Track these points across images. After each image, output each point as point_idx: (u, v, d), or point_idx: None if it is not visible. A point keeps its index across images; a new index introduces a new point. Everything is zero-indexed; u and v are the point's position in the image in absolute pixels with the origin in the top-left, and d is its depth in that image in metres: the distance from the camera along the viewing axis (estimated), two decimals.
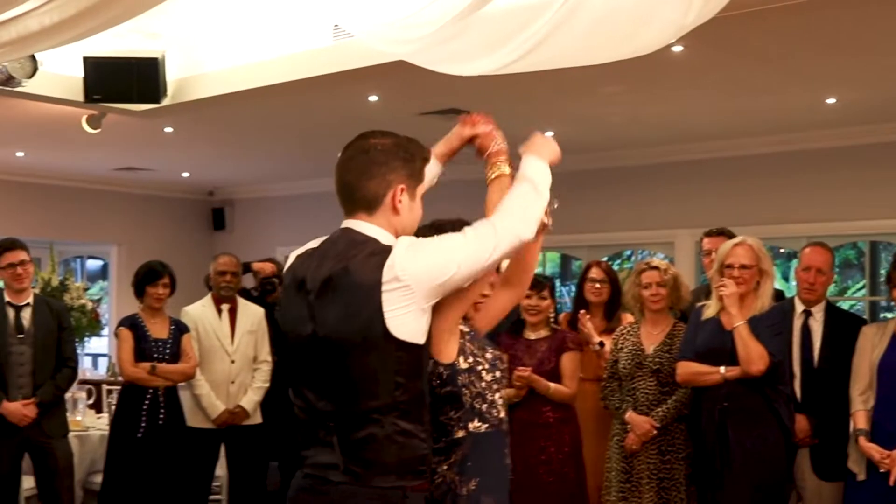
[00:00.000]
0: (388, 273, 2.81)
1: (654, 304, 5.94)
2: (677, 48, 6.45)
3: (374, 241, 2.93)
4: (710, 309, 5.61)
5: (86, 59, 7.59)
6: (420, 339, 2.87)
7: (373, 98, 8.12)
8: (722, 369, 5.41)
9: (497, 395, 3.23)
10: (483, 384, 3.18)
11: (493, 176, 3.37)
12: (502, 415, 3.24)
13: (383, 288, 2.80)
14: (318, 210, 12.68)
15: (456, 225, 3.12)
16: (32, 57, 7.01)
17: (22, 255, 6.30)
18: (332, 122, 9.13)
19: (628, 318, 6.44)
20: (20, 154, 11.26)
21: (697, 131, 9.44)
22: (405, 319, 2.82)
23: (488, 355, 3.27)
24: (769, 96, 7.98)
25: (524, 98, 8.13)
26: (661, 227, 10.40)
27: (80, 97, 7.81)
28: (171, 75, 7.88)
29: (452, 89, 7.74)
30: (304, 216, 12.51)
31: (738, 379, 5.37)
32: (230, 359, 7.13)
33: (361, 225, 2.98)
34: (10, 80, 7.06)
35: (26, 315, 6.31)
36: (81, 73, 7.71)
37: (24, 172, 12.41)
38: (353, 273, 2.85)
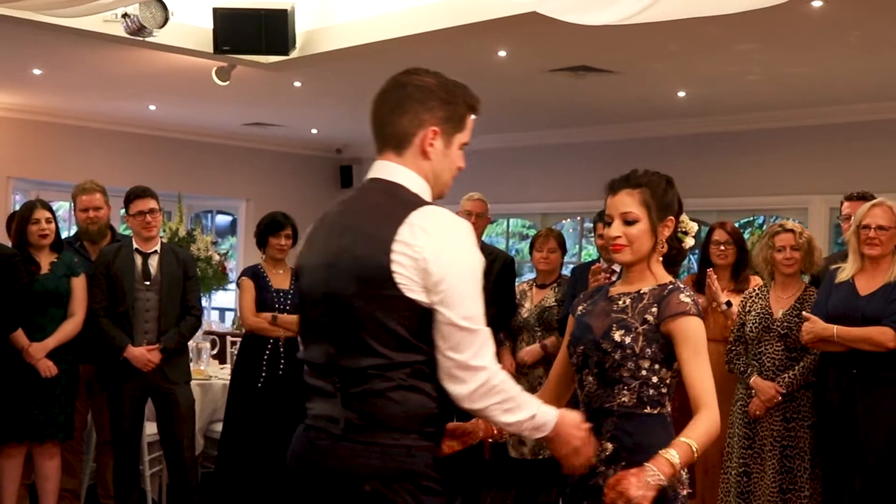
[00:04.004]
0: (405, 230, 2.62)
1: (787, 267, 5.76)
2: (816, 3, 6.23)
3: (402, 188, 2.75)
4: (844, 271, 5.44)
5: (215, 11, 7.66)
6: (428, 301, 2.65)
7: (501, 53, 8.03)
8: None
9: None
10: None
11: None
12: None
13: (395, 240, 2.62)
14: None
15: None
16: (164, 6, 7.06)
17: (151, 204, 6.35)
18: (461, 78, 9.03)
19: (756, 280, 6.27)
20: (153, 107, 11.47)
21: (836, 93, 9.13)
22: (412, 280, 2.62)
23: None
24: None
25: (656, 56, 7.98)
26: (795, 192, 10.14)
27: (209, 48, 7.89)
28: (301, 27, 7.90)
29: (583, 45, 7.63)
30: None
31: None
32: None
33: (390, 167, 2.78)
34: (141, 29, 7.13)
35: (153, 262, 6.36)
36: (211, 25, 7.77)
37: (157, 126, 12.65)
38: (371, 218, 2.71)
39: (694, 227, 3.36)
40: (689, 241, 3.35)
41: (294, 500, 2.85)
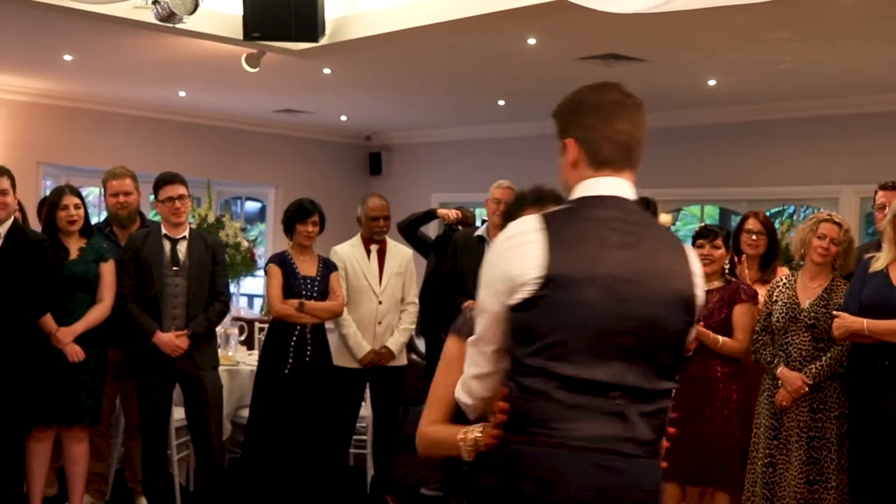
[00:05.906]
0: (692, 260, 2.78)
1: (820, 256, 5.71)
2: None
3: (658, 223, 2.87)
4: (879, 261, 5.39)
5: None
6: None
7: (531, 41, 8.00)
8: None
9: None
10: None
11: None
12: None
13: (692, 271, 2.76)
14: (475, 157, 12.68)
15: None
16: None
17: (181, 190, 6.38)
18: (490, 66, 9.06)
19: (784, 270, 6.24)
20: (182, 94, 11.50)
21: (868, 82, 9.06)
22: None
23: None
24: None
25: (687, 44, 7.93)
26: (826, 182, 10.07)
27: (239, 35, 7.89)
28: (330, 14, 7.90)
29: (613, 33, 7.59)
30: (461, 163, 12.47)
31: None
32: (378, 299, 7.14)
33: (632, 190, 2.82)
34: (171, 16, 7.14)
35: (182, 248, 6.39)
36: (241, 12, 7.77)
37: (186, 112, 12.68)
38: (663, 243, 2.76)
39: None
40: None
41: None
